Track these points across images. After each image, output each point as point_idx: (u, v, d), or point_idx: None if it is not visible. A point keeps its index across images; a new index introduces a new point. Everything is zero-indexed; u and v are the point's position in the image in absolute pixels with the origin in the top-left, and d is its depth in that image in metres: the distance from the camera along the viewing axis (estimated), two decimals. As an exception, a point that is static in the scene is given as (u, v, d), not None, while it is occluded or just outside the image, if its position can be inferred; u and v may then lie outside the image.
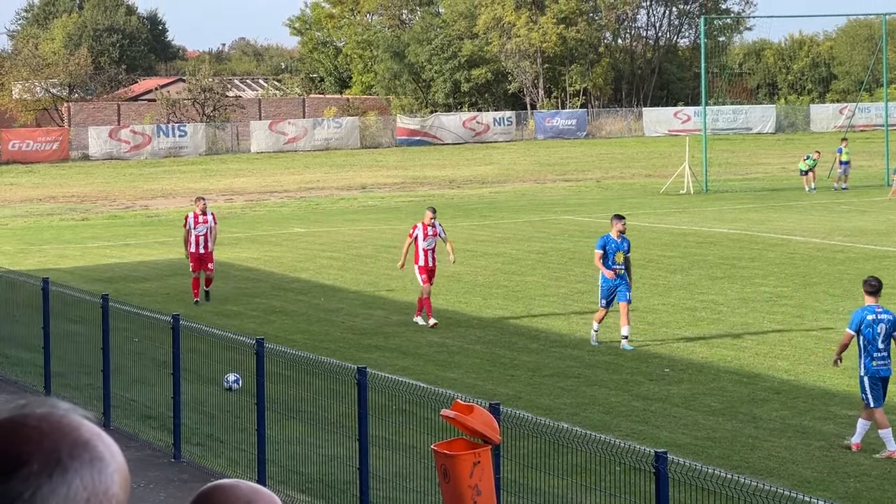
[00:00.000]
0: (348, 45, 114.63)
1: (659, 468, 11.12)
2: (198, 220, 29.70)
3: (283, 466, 16.42)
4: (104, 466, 1.99)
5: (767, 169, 66.40)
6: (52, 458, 1.95)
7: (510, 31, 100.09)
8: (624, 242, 23.90)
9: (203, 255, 29.62)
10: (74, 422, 2.01)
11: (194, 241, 29.58)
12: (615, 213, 25.21)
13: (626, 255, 23.91)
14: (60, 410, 2.01)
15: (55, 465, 1.95)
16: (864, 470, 16.17)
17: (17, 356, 23.74)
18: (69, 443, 1.97)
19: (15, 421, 1.98)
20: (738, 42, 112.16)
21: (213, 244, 29.85)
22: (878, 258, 34.15)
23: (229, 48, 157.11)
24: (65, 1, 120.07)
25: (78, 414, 2.04)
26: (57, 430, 1.98)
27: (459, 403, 12.93)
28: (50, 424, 1.99)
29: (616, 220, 24.18)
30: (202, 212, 29.78)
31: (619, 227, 23.88)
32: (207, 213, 30.00)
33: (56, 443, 1.97)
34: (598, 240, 24.33)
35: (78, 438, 1.99)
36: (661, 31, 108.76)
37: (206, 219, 29.70)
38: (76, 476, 1.96)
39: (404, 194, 57.24)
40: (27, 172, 74.28)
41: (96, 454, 1.99)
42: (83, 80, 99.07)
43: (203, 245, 29.55)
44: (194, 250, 29.58)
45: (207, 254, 29.65)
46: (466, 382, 21.09)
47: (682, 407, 19.32)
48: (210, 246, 29.66)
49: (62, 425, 1.99)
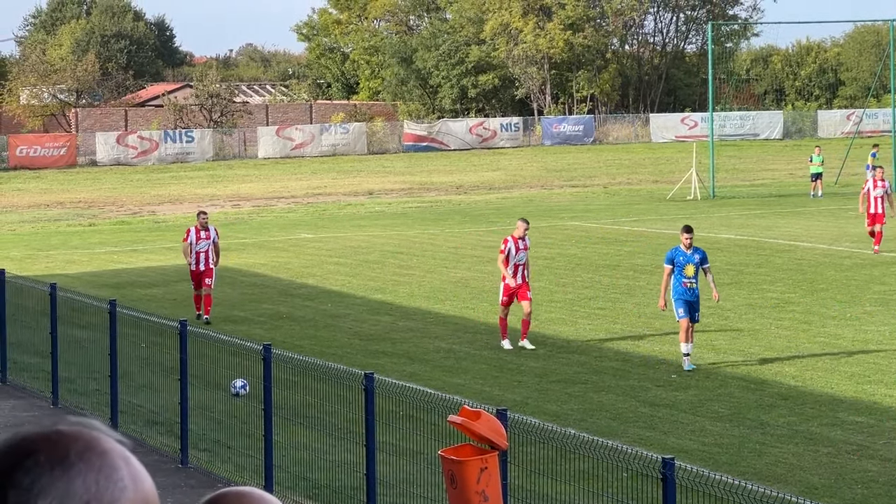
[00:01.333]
0: (355, 51, 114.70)
1: (666, 474, 11.11)
2: (199, 236, 28.44)
3: (290, 472, 16.42)
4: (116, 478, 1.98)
5: (775, 175, 66.37)
6: (60, 454, 1.96)
7: (517, 37, 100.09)
8: (696, 254, 22.46)
9: (203, 272, 28.30)
10: (98, 435, 2.01)
11: (194, 258, 28.34)
12: (684, 225, 23.30)
13: (700, 267, 22.44)
14: (90, 426, 2.02)
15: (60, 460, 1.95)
16: (872, 476, 16.15)
17: (26, 361, 23.76)
18: (82, 445, 1.98)
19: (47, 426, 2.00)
20: (745, 48, 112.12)
21: (216, 260, 28.60)
22: (886, 264, 34.11)
23: (237, 54, 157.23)
24: (72, 7, 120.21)
25: (112, 437, 2.03)
26: (76, 436, 1.99)
27: (466, 409, 12.93)
28: (72, 431, 2.00)
29: (683, 232, 22.68)
30: (203, 227, 28.51)
31: (687, 238, 22.40)
32: (210, 228, 28.73)
33: (69, 443, 1.98)
34: (666, 253, 22.92)
35: (93, 445, 1.99)
36: (668, 37, 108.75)
37: (209, 234, 28.47)
38: (79, 476, 1.95)
39: (411, 200, 57.26)
40: (35, 178, 74.37)
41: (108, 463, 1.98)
42: (91, 85, 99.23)
43: (204, 262, 28.30)
44: (195, 268, 28.34)
45: (208, 270, 28.34)
46: (474, 388, 21.09)
47: (690, 413, 19.31)
48: (212, 262, 28.40)
49: (82, 433, 2.00)
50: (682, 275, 22.29)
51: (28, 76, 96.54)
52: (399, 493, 15.32)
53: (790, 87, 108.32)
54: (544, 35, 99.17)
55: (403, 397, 15.75)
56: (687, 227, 22.89)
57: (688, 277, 22.28)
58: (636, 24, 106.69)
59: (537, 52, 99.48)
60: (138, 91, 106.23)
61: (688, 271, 22.31)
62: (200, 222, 28.52)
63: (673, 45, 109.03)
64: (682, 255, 22.40)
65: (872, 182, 36.91)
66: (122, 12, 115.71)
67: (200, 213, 29.32)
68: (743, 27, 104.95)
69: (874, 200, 36.35)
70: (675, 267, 22.37)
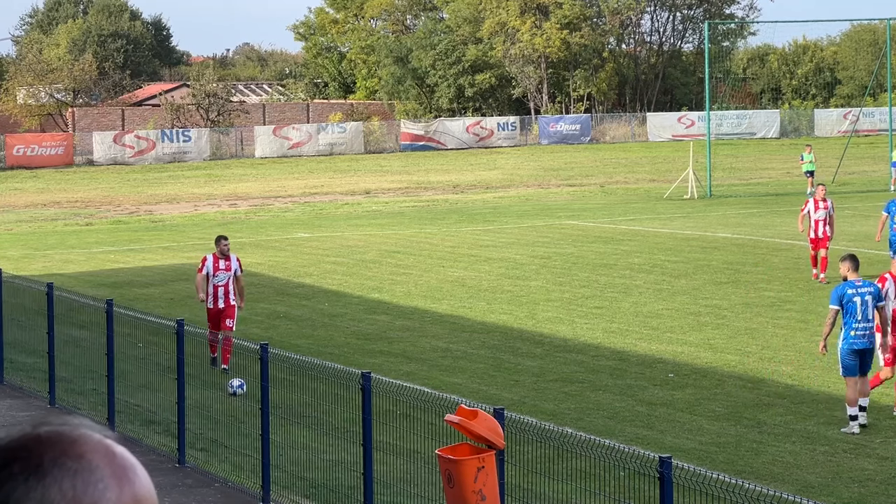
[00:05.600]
0: (352, 51, 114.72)
1: (663, 473, 11.12)
2: (218, 266, 23.17)
3: (287, 471, 16.41)
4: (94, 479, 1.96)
5: (771, 174, 66.38)
6: (34, 462, 1.95)
7: (514, 37, 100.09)
8: (870, 290, 18.71)
9: (223, 311, 23.07)
10: (78, 436, 2.00)
11: (212, 293, 23.05)
12: (846, 255, 19.63)
13: (878, 305, 18.72)
14: (71, 426, 2.01)
15: (34, 469, 1.95)
16: (869, 475, 16.15)
17: (22, 361, 23.75)
18: (57, 451, 1.97)
19: (26, 432, 1.99)
20: (742, 47, 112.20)
21: (238, 298, 23.32)
22: (882, 263, 34.09)
23: (233, 53, 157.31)
24: (69, 6, 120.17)
25: (96, 432, 2.02)
26: (53, 440, 1.98)
27: (464, 408, 12.93)
28: (50, 435, 1.99)
29: (847, 262, 19.33)
30: (223, 255, 23.24)
31: (848, 268, 19.12)
32: (231, 257, 23.44)
33: (44, 450, 1.97)
34: (832, 293, 19.01)
35: (69, 449, 1.98)
36: (664, 36, 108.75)
37: (229, 265, 23.24)
38: (54, 483, 1.94)
39: (408, 199, 57.24)
40: (32, 177, 74.34)
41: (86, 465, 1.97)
42: (88, 85, 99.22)
43: (224, 298, 23.03)
44: (212, 305, 23.04)
45: (228, 308, 23.07)
46: (470, 387, 21.09)
47: (687, 412, 19.31)
48: (233, 299, 23.11)
49: (61, 436, 1.99)
50: (857, 318, 18.62)
51: (25, 76, 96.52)
52: (396, 493, 15.32)
53: (787, 86, 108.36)
54: (541, 34, 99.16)
55: (400, 396, 15.76)
56: (851, 257, 19.43)
57: (863, 322, 18.65)
58: (633, 24, 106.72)
59: (534, 52, 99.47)
60: (135, 90, 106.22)
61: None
62: (220, 249, 23.32)
63: (670, 44, 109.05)
64: (852, 287, 18.76)
65: (814, 203, 31.66)
66: (118, 12, 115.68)
67: (220, 238, 23.78)
68: (740, 26, 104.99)
69: (815, 223, 31.50)
70: (844, 309, 18.69)
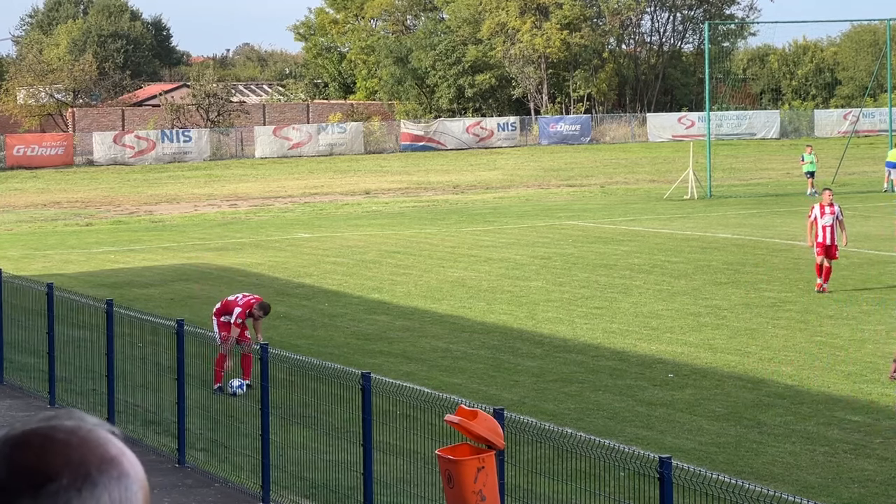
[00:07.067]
0: (352, 51, 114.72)
1: (663, 473, 11.12)
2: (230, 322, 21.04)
3: (287, 472, 16.42)
4: (130, 483, 2.02)
5: (771, 174, 66.39)
6: (82, 472, 1.98)
7: (514, 37, 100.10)
8: None
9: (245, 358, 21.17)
10: (102, 437, 2.04)
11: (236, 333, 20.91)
12: None
13: None
14: (88, 424, 2.04)
15: (84, 479, 1.97)
16: (869, 475, 16.16)
17: (22, 361, 23.75)
18: (98, 458, 2.00)
19: (43, 434, 2.00)
20: (742, 47, 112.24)
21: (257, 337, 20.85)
22: (882, 263, 34.13)
23: (233, 54, 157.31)
24: (69, 7, 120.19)
25: (105, 429, 2.07)
26: (85, 445, 2.00)
27: (463, 409, 12.93)
28: (79, 438, 2.00)
29: None
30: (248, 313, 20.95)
31: None
32: (234, 311, 20.91)
33: (84, 457, 1.99)
34: None
35: (105, 454, 2.02)
36: (664, 36, 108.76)
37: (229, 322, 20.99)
38: (105, 492, 1.98)
39: (408, 199, 57.24)
40: (32, 178, 74.34)
41: (123, 471, 2.02)
42: (88, 85, 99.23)
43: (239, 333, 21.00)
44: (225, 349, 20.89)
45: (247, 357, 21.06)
46: (470, 388, 21.09)
47: (687, 412, 19.31)
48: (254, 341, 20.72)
49: (90, 440, 2.01)
50: None
51: (25, 76, 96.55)
52: (396, 493, 15.32)
53: (787, 87, 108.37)
54: (541, 34, 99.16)
55: (400, 397, 15.76)
56: None
57: None
58: (633, 24, 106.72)
59: (534, 52, 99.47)
60: (135, 91, 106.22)
61: None
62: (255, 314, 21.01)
63: (670, 44, 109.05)
64: None
65: (819, 208, 30.22)
66: (118, 12, 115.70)
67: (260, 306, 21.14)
68: (740, 27, 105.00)
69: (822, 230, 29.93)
70: None
